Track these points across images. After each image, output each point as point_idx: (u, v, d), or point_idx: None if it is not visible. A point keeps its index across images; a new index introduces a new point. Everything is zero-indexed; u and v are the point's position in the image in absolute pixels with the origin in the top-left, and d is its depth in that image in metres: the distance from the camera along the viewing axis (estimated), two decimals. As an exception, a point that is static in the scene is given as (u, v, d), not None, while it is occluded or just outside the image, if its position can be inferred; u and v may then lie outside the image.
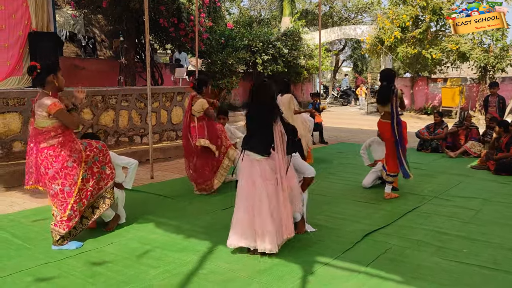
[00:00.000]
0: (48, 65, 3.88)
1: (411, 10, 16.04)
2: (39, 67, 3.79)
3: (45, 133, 3.79)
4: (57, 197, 3.85)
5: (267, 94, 3.77)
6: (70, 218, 3.88)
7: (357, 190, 5.95)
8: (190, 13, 11.54)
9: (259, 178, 3.64)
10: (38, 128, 3.80)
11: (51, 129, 3.79)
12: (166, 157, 8.37)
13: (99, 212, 4.12)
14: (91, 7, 12.09)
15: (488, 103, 9.15)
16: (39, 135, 3.81)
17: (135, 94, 8.47)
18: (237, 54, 15.03)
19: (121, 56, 12.37)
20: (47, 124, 3.77)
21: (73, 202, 3.87)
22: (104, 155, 4.12)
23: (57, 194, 3.84)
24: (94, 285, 3.21)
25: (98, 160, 4.06)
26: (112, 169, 4.20)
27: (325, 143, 10.41)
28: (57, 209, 3.88)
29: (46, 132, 3.79)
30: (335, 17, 28.89)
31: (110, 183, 4.16)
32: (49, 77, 3.82)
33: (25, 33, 8.40)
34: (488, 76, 15.53)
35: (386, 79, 5.51)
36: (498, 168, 6.94)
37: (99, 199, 4.10)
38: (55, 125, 3.79)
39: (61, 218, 3.87)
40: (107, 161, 4.15)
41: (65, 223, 3.88)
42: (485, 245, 3.96)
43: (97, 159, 4.05)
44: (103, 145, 4.16)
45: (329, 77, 32.53)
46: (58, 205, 3.87)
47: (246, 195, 3.67)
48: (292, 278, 3.31)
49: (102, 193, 4.11)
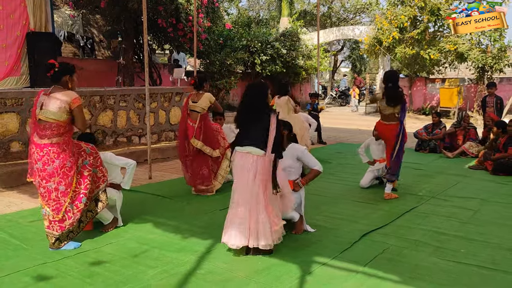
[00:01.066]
0: (66, 66, 3.93)
1: (409, 11, 16.07)
2: (58, 66, 3.84)
3: (50, 128, 3.75)
4: (50, 196, 3.82)
5: (261, 93, 3.76)
6: (63, 219, 3.85)
7: (355, 190, 5.96)
8: (188, 14, 11.54)
9: (257, 174, 3.60)
10: (46, 120, 3.75)
11: (62, 124, 3.77)
12: (165, 158, 8.36)
13: (91, 215, 4.09)
14: (89, 7, 12.08)
15: (486, 104, 9.17)
16: (43, 129, 3.76)
17: (133, 95, 8.47)
18: (236, 55, 15.03)
19: (120, 57, 12.36)
20: (62, 118, 3.76)
21: (67, 203, 3.85)
22: (94, 158, 4.07)
23: (51, 192, 3.81)
24: (92, 285, 3.20)
25: (88, 163, 4.00)
26: (104, 172, 4.15)
27: (323, 143, 10.42)
28: (49, 209, 3.84)
29: (51, 127, 3.75)
30: (333, 18, 28.90)
31: (101, 186, 4.11)
32: (64, 77, 3.86)
33: (23, 33, 8.39)
34: (486, 77, 15.57)
35: (392, 80, 5.45)
36: (496, 168, 6.95)
37: (92, 202, 4.07)
38: (67, 121, 3.80)
39: (54, 219, 3.84)
40: (98, 164, 4.10)
41: (58, 224, 3.85)
42: (483, 245, 3.96)
43: (87, 162, 4.00)
44: (92, 148, 4.10)
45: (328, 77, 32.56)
46: (51, 205, 3.83)
47: (244, 192, 3.64)
48: (290, 278, 3.30)
49: (94, 196, 4.08)
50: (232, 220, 3.69)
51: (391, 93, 5.48)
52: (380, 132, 5.76)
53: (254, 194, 3.60)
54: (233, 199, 3.73)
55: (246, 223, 3.61)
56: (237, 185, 3.71)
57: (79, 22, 15.22)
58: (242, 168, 3.66)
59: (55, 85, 3.86)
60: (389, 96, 5.49)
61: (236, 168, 3.74)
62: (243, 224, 3.61)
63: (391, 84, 5.45)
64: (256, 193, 3.60)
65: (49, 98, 3.78)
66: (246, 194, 3.62)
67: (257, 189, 3.60)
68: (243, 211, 3.63)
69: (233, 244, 3.64)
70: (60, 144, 3.79)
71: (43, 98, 3.82)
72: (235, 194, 3.71)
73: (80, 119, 3.87)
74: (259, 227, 3.60)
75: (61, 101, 3.74)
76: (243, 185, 3.64)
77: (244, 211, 3.62)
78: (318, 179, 4.71)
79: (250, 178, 3.60)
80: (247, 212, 3.61)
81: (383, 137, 5.74)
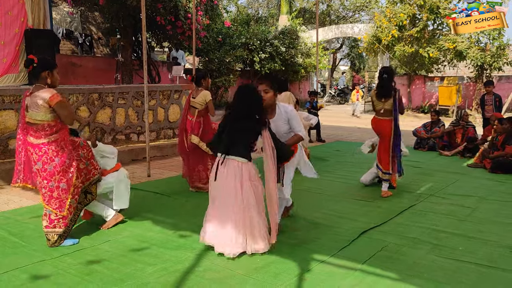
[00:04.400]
0: (44, 61, 3.85)
1: (408, 9, 16.07)
2: (36, 61, 3.78)
3: (43, 128, 3.73)
4: (52, 195, 3.82)
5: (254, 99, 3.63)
6: (67, 215, 3.88)
7: (354, 188, 5.96)
8: (187, 11, 11.52)
9: (244, 180, 3.55)
10: (34, 123, 3.74)
11: (50, 123, 3.74)
12: (163, 155, 8.35)
13: (81, 207, 4.11)
14: (87, 4, 12.05)
15: (484, 102, 9.17)
16: (36, 131, 3.74)
17: (132, 92, 8.45)
18: (235, 52, 15.03)
19: (118, 54, 12.35)
20: (46, 118, 3.72)
21: (70, 199, 3.87)
22: (87, 151, 4.11)
23: (53, 191, 3.81)
24: (90, 282, 3.20)
25: (83, 156, 4.05)
26: (95, 164, 4.17)
27: (322, 141, 10.42)
28: (50, 207, 3.84)
29: (44, 127, 3.73)
30: (332, 16, 28.89)
31: (92, 179, 4.11)
32: (43, 73, 3.79)
33: (22, 31, 8.35)
34: (484, 75, 15.58)
35: (387, 73, 5.43)
36: (494, 167, 6.96)
37: (81, 193, 4.07)
38: (56, 119, 3.76)
39: (57, 216, 3.85)
40: (90, 156, 4.14)
41: (62, 221, 3.86)
42: (481, 243, 3.97)
43: (82, 155, 4.04)
44: (84, 141, 4.13)
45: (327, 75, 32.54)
46: (53, 203, 3.83)
47: (233, 199, 3.56)
48: (288, 275, 3.31)
49: (84, 188, 4.08)
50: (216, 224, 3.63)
51: (381, 83, 5.47)
52: (373, 127, 5.72)
53: (243, 200, 3.55)
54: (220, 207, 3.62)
55: (240, 229, 3.55)
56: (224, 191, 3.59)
57: (78, 19, 15.18)
58: (231, 173, 3.56)
59: (36, 84, 3.81)
60: (379, 87, 5.51)
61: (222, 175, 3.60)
62: (239, 231, 3.55)
63: (386, 75, 5.41)
64: (246, 198, 3.55)
65: (31, 99, 3.72)
66: (230, 200, 3.55)
67: (246, 194, 3.55)
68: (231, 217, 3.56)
69: (230, 252, 3.57)
70: (58, 141, 3.78)
71: (27, 100, 3.77)
72: (223, 202, 3.60)
73: (63, 115, 3.79)
74: (254, 231, 3.58)
75: (41, 101, 3.68)
76: (227, 192, 3.56)
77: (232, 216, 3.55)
78: (317, 177, 4.72)
79: (235, 185, 3.54)
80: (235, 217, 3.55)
81: (377, 132, 5.70)
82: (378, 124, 5.61)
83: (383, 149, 5.58)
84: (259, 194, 3.64)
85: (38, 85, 3.80)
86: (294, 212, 4.72)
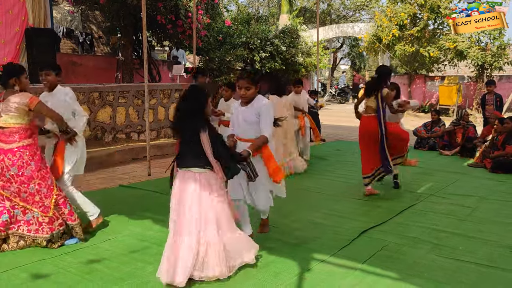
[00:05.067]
0: (9, 68, 3.85)
1: (409, 8, 16.06)
2: (1, 69, 3.79)
3: (18, 131, 3.69)
4: (34, 199, 3.75)
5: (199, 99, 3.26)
6: (52, 219, 3.79)
7: (354, 188, 5.96)
8: (188, 10, 11.51)
9: (203, 192, 3.14)
10: (7, 127, 3.68)
11: (25, 127, 3.73)
12: (164, 154, 8.35)
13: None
14: (88, 3, 12.04)
15: (485, 102, 9.17)
16: (9, 135, 3.68)
17: (133, 91, 8.45)
18: (235, 51, 15.01)
19: (119, 53, 12.34)
20: (23, 121, 3.72)
21: (53, 204, 3.78)
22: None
23: (34, 194, 3.75)
24: (91, 281, 3.20)
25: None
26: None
27: (322, 140, 10.41)
28: (36, 209, 3.77)
29: (18, 131, 3.69)
30: (333, 15, 28.86)
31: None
32: (11, 80, 3.77)
33: (22, 29, 8.36)
34: (485, 75, 15.58)
35: (379, 73, 5.43)
36: (494, 166, 6.96)
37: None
38: (32, 122, 3.78)
39: (43, 220, 3.77)
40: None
41: (48, 225, 3.77)
42: (481, 242, 3.97)
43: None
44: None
45: (327, 75, 32.52)
46: (37, 205, 3.76)
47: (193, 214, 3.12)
48: (289, 275, 3.31)
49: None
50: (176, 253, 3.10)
51: (368, 83, 5.53)
52: (361, 124, 5.63)
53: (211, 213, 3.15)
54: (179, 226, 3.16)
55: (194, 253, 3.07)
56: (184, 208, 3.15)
57: (78, 18, 15.17)
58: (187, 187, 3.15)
59: (6, 90, 3.78)
60: (366, 85, 5.58)
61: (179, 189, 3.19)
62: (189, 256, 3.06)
63: (377, 75, 5.43)
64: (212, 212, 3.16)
65: (5, 104, 3.69)
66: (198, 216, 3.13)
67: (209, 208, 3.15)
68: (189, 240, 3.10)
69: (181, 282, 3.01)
70: (32, 146, 3.76)
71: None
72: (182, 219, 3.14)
73: (49, 115, 3.86)
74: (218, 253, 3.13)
75: (18, 103, 3.66)
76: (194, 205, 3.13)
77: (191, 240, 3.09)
78: (318, 177, 4.72)
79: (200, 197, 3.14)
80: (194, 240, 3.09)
81: (363, 131, 5.57)
82: (364, 121, 5.54)
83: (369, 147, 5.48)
84: (223, 209, 3.22)
85: (9, 91, 3.77)
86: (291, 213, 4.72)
